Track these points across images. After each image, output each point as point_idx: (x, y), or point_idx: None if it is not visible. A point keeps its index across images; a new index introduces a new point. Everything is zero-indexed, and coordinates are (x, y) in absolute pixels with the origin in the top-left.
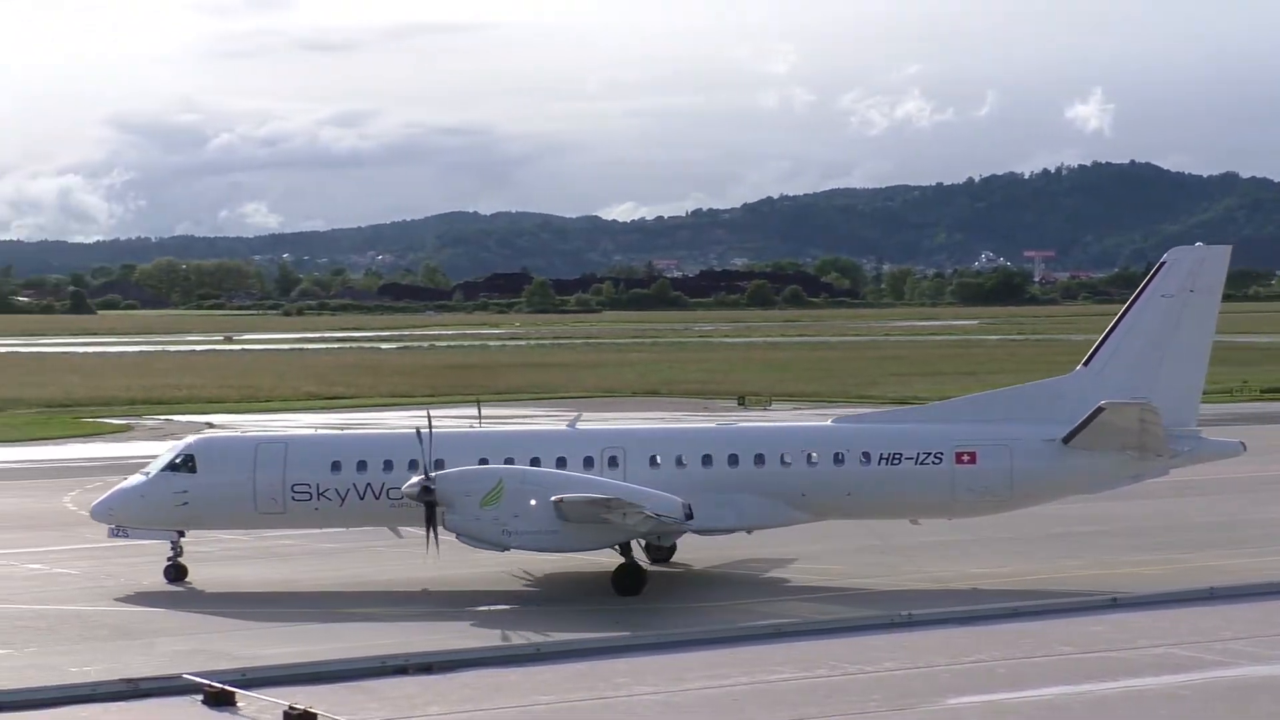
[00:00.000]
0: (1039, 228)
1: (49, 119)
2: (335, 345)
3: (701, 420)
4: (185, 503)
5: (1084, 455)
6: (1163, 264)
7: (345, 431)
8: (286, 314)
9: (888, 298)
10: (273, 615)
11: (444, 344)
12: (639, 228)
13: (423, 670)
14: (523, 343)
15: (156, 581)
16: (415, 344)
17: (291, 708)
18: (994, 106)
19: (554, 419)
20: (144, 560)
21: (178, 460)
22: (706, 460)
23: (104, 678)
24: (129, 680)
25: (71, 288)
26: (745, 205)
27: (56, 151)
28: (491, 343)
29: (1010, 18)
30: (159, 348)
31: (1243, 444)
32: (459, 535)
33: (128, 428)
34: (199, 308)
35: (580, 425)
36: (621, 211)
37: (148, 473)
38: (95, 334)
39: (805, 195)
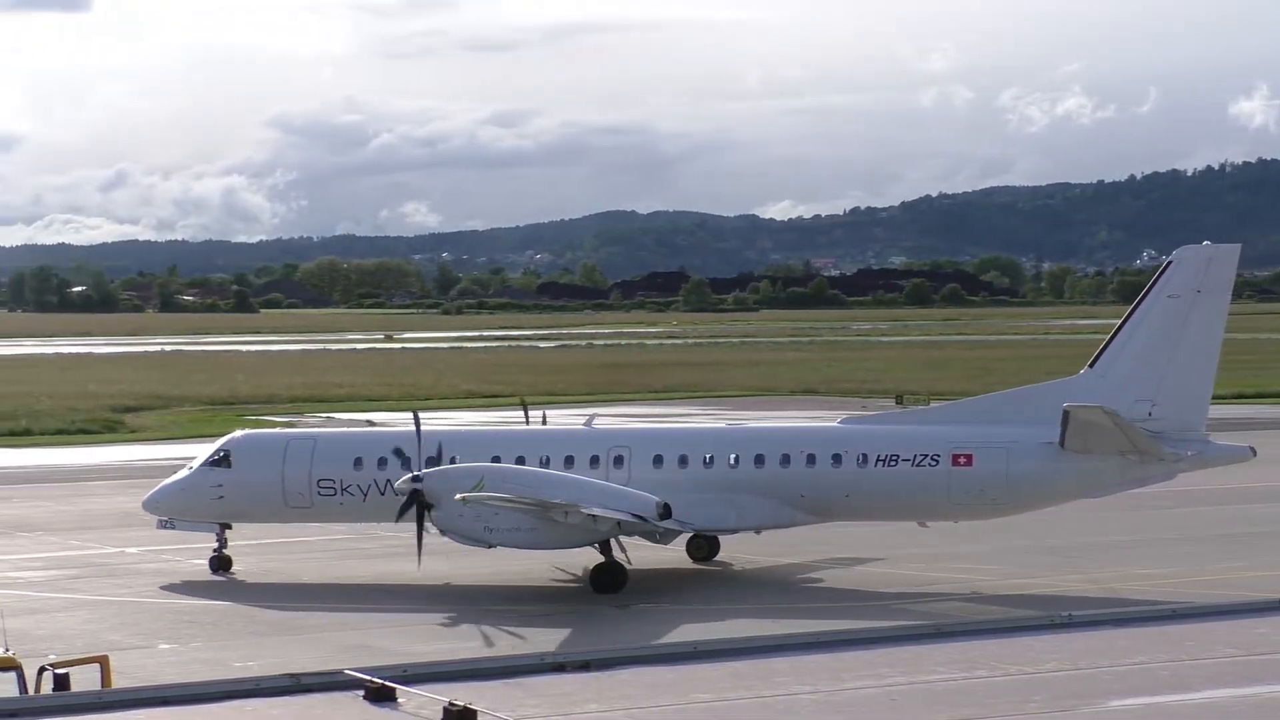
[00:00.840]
0: (1202, 225)
1: (214, 120)
2: (494, 344)
3: (713, 420)
4: (221, 496)
5: (1081, 459)
6: (1170, 263)
7: (375, 428)
8: (446, 313)
9: (1047, 296)
10: (429, 612)
11: (601, 343)
12: (796, 226)
13: (580, 668)
14: (679, 341)
15: (317, 578)
16: (573, 343)
17: (451, 704)
18: (1156, 103)
19: (711, 417)
20: (308, 556)
21: (217, 456)
22: (709, 461)
23: (267, 673)
24: (292, 675)
25: (235, 287)
26: (904, 203)
27: (221, 152)
28: (648, 341)
29: (1173, 13)
30: (320, 346)
31: (1252, 449)
32: (445, 532)
33: (290, 425)
34: (360, 306)
35: (594, 425)
36: (779, 210)
37: (192, 467)
38: (258, 332)
39: (964, 193)
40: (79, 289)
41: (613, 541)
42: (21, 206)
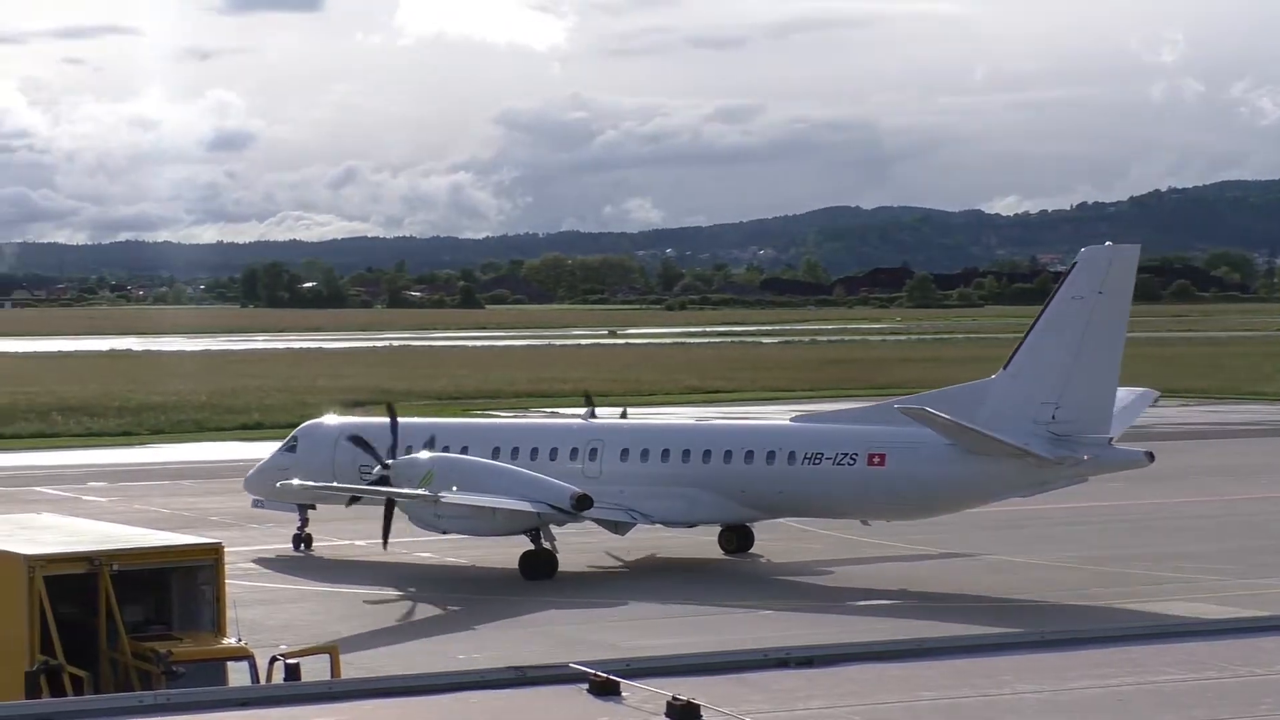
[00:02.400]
0: None
1: (442, 117)
2: (716, 340)
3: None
4: (288, 479)
5: (982, 460)
6: (1075, 264)
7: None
8: (669, 308)
9: None
10: (653, 605)
11: (824, 339)
12: (1022, 221)
13: (804, 664)
14: (903, 338)
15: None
16: (796, 339)
17: (675, 699)
18: None
19: None
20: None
21: (290, 441)
22: (665, 455)
23: (491, 665)
24: (516, 668)
25: (461, 283)
26: (1132, 198)
27: (449, 149)
28: (872, 337)
29: None
30: (545, 341)
31: (1148, 454)
32: (410, 518)
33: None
34: (584, 302)
35: (592, 420)
36: (1005, 205)
37: (275, 451)
38: (484, 328)
39: (1194, 187)
40: (309, 285)
41: (541, 531)
42: (254, 204)
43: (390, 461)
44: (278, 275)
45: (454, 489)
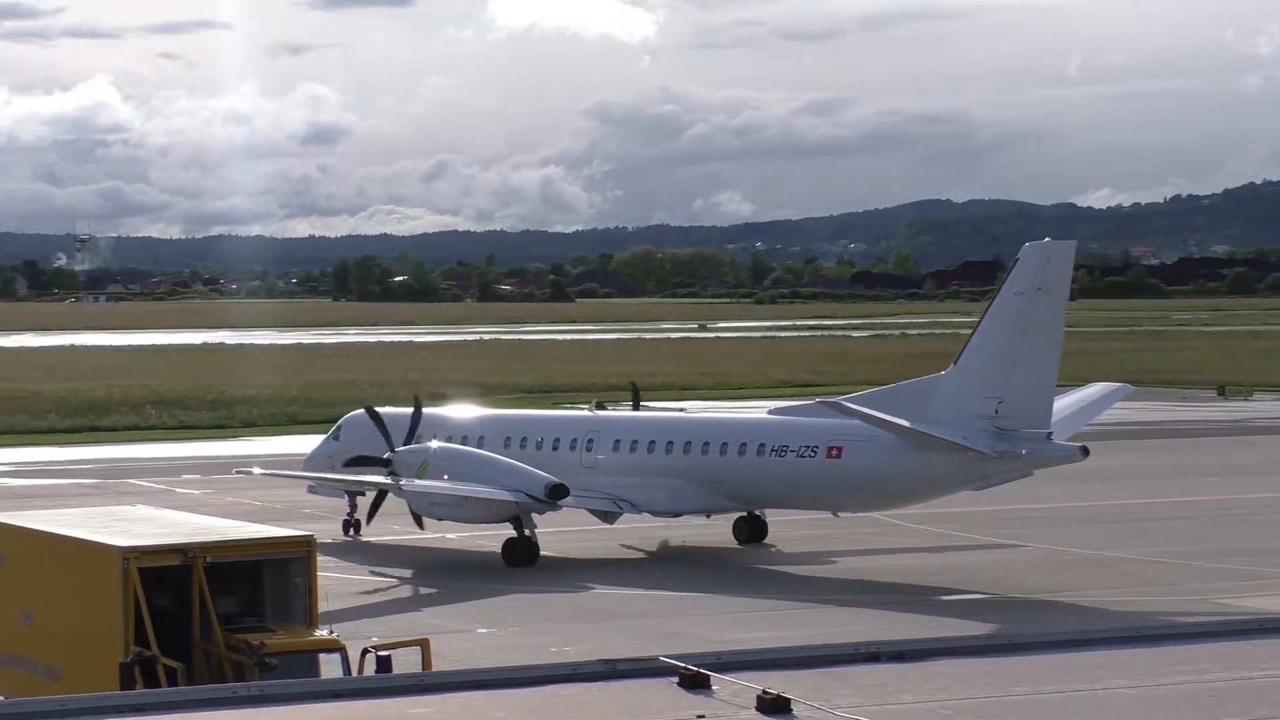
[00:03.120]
0: None
1: (533, 111)
2: (807, 333)
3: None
4: (332, 467)
5: (928, 454)
6: (1017, 260)
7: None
8: (759, 302)
9: None
10: (742, 599)
11: (915, 333)
12: (1115, 214)
13: (894, 658)
14: None
15: (636, 565)
16: (886, 333)
17: (765, 692)
18: None
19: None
20: (606, 542)
21: (336, 430)
22: (650, 447)
23: (582, 658)
24: (607, 661)
25: (552, 276)
26: (1226, 191)
27: (540, 143)
28: (963, 331)
29: None
30: (635, 335)
31: (1083, 449)
32: (410, 507)
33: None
34: (674, 296)
35: (599, 411)
36: (1098, 198)
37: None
38: (574, 321)
39: None
40: (400, 279)
41: (522, 519)
42: (346, 198)
43: (397, 449)
44: (369, 269)
45: (445, 477)
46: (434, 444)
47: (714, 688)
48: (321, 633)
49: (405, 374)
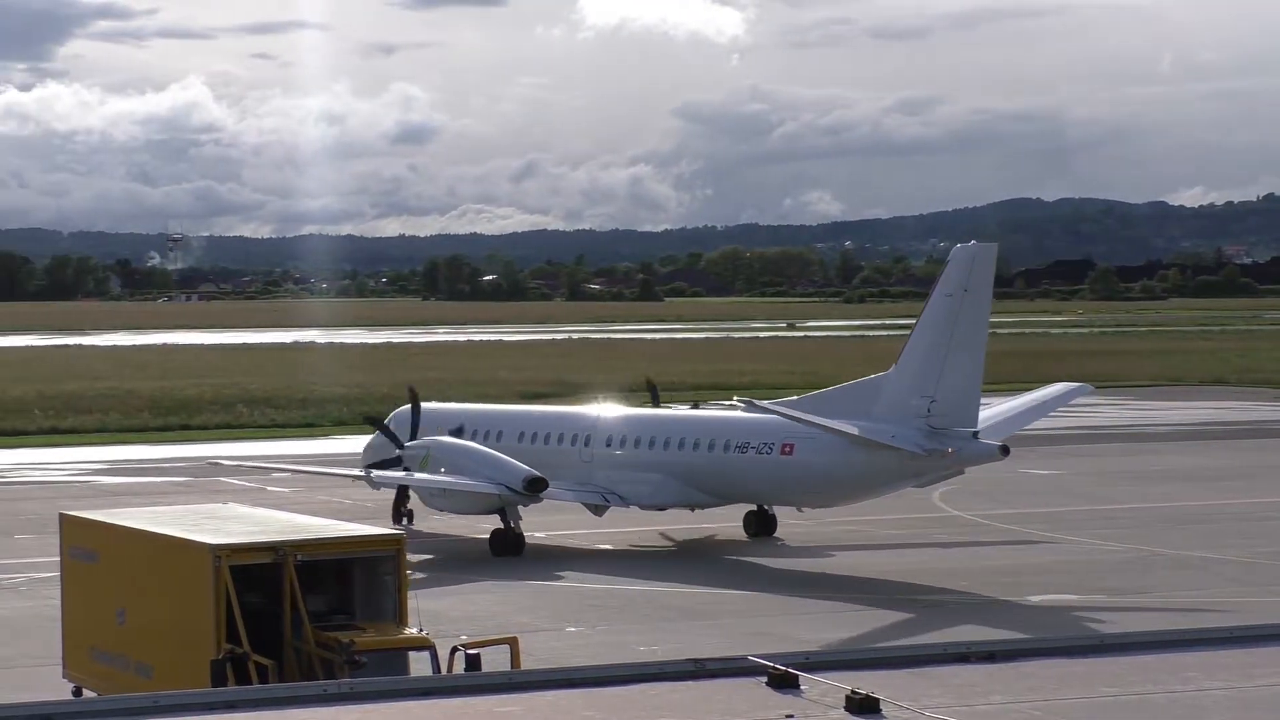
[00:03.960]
0: None
1: (622, 110)
2: (896, 332)
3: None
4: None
5: (867, 453)
6: (948, 262)
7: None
8: (848, 301)
9: None
10: (829, 599)
11: (1004, 331)
12: (1207, 213)
13: (985, 658)
14: (1085, 330)
15: (720, 564)
16: None
17: (854, 692)
18: None
19: (1115, 408)
20: (692, 538)
21: (387, 424)
22: (636, 443)
23: (670, 657)
24: (695, 660)
25: (640, 275)
26: None
27: (629, 142)
28: (1053, 330)
29: None
30: (724, 334)
31: (1003, 448)
32: (420, 499)
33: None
34: (762, 295)
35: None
36: (1190, 197)
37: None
38: (663, 320)
39: None
40: (489, 278)
41: (508, 510)
42: (436, 197)
43: (405, 444)
44: (458, 268)
45: (442, 470)
46: (446, 439)
47: (803, 687)
48: (411, 631)
49: (494, 372)
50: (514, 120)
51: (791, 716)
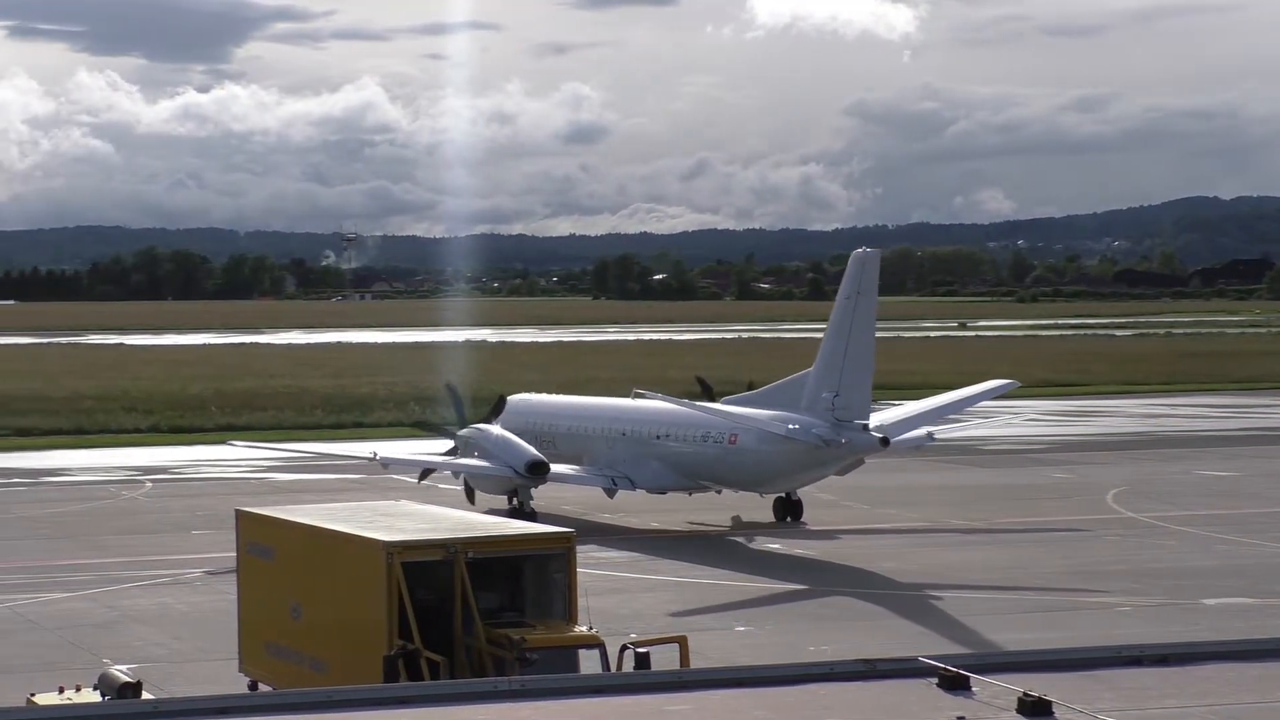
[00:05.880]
0: None
1: (793, 109)
2: (1069, 332)
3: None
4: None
5: (786, 444)
6: (848, 266)
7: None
8: (1020, 300)
9: None
10: (1001, 600)
11: (1180, 332)
12: None
13: (1158, 662)
14: (1262, 331)
15: (896, 566)
16: (1150, 331)
17: (1026, 694)
18: None
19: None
20: (859, 540)
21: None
22: (639, 433)
23: (841, 658)
24: (866, 661)
25: (810, 274)
26: None
27: (799, 141)
28: (1230, 330)
29: None
30: (894, 334)
31: (883, 440)
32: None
33: None
34: (933, 294)
35: (634, 401)
36: None
37: None
38: None
39: None
40: (659, 277)
41: (519, 492)
42: (607, 196)
43: (458, 432)
44: (629, 267)
45: (475, 454)
46: (476, 426)
47: (974, 689)
48: (581, 628)
49: (664, 371)
50: (684, 119)
51: (963, 718)
